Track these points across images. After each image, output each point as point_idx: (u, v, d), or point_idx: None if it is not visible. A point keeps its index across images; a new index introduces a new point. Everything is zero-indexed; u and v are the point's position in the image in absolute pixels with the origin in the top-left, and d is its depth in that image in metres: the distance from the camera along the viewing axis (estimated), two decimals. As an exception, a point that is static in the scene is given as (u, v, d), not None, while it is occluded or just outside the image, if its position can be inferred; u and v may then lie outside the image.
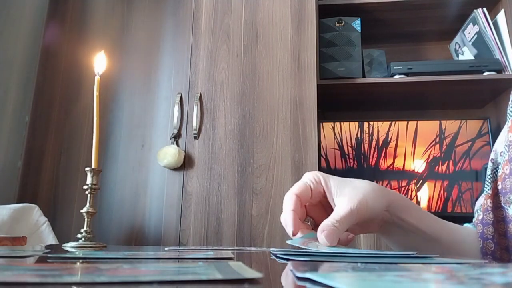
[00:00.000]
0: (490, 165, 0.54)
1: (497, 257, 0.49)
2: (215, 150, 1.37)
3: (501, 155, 0.53)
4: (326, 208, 0.47)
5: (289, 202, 0.44)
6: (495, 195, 0.51)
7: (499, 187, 0.51)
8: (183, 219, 1.32)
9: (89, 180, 0.65)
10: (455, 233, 0.52)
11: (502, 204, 0.50)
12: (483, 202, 0.53)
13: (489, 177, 0.53)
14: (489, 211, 0.51)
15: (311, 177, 0.46)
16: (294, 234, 0.43)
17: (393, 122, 1.56)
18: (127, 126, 1.45)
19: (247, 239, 1.27)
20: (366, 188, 0.44)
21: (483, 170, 1.45)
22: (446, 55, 1.79)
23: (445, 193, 1.47)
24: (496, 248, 0.49)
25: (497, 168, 0.53)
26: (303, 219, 0.46)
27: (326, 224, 0.41)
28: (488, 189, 0.52)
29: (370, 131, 1.56)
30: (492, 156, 0.55)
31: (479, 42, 1.54)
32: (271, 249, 0.46)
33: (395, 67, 1.51)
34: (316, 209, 0.48)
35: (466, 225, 0.56)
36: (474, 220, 0.56)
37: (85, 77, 1.52)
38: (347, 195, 0.43)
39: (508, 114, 0.54)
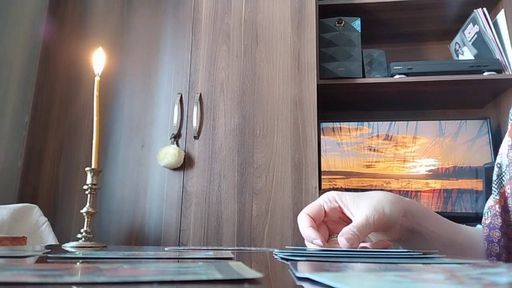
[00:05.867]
0: (496, 170, 0.54)
1: (502, 260, 0.50)
2: (215, 150, 1.37)
3: (507, 156, 0.53)
4: (348, 223, 0.49)
5: (303, 221, 0.47)
6: (505, 200, 0.52)
7: (509, 191, 0.51)
8: (183, 219, 1.32)
9: (89, 180, 0.65)
10: (470, 236, 0.53)
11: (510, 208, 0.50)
12: (492, 206, 0.53)
13: (495, 182, 0.53)
14: (497, 216, 0.52)
15: (325, 197, 0.49)
16: (323, 243, 0.45)
17: (393, 122, 1.56)
18: (127, 126, 1.45)
19: (247, 239, 1.27)
20: (380, 197, 0.47)
21: (482, 170, 1.45)
22: (446, 55, 1.79)
23: (445, 193, 1.47)
24: (502, 251, 0.50)
25: (504, 172, 0.53)
26: (326, 239, 0.49)
27: (345, 230, 0.43)
28: (496, 195, 0.53)
29: (370, 131, 1.56)
30: (498, 160, 0.55)
31: (479, 42, 1.54)
32: (274, 250, 0.46)
33: (395, 67, 1.51)
34: (339, 226, 0.50)
35: (478, 226, 0.57)
36: (482, 220, 0.56)
37: (85, 77, 1.52)
38: (363, 205, 0.46)
39: (509, 118, 0.53)
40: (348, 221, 0.48)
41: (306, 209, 0.48)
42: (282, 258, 0.35)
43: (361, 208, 0.46)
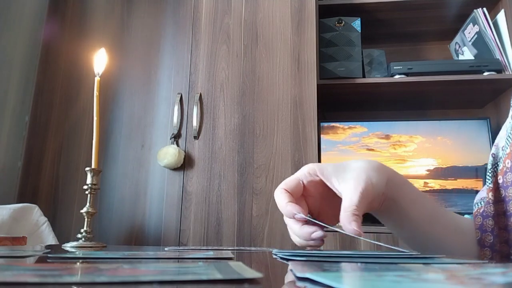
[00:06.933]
0: (491, 159, 0.54)
1: (496, 250, 0.49)
2: (215, 150, 1.37)
3: (502, 149, 0.53)
4: (327, 198, 0.47)
5: (281, 196, 0.44)
6: (496, 189, 0.51)
7: (500, 181, 0.51)
8: (183, 219, 1.32)
9: (89, 180, 0.65)
10: (455, 221, 0.51)
11: (503, 197, 0.50)
12: (485, 195, 0.53)
13: (489, 171, 0.53)
14: (490, 204, 0.51)
15: (304, 171, 0.46)
16: (304, 217, 0.42)
17: (393, 122, 1.56)
18: (127, 126, 1.45)
19: (247, 239, 1.27)
20: (364, 166, 0.44)
21: (483, 170, 1.45)
22: (446, 55, 1.79)
23: (444, 193, 1.47)
24: (496, 241, 0.49)
25: (498, 163, 0.53)
26: (306, 214, 0.45)
27: (348, 215, 0.40)
28: (490, 183, 0.52)
29: (370, 131, 1.56)
30: (493, 150, 0.55)
31: (479, 42, 1.54)
32: (274, 250, 0.46)
33: (395, 67, 1.51)
34: (318, 202, 0.48)
35: (467, 216, 0.56)
36: (473, 212, 0.56)
37: (85, 77, 1.52)
38: (350, 179, 0.43)
39: (511, 107, 0.53)
40: (329, 196, 0.46)
41: (283, 184, 0.45)
42: (282, 258, 0.35)
43: (349, 182, 0.42)
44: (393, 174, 0.47)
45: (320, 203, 0.48)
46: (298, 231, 0.43)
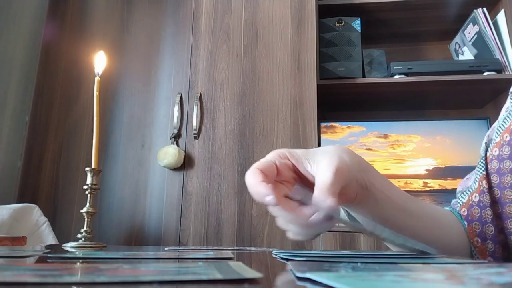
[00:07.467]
0: (483, 146, 0.55)
1: (497, 241, 0.48)
2: (215, 150, 1.37)
3: (493, 139, 0.54)
4: (302, 183, 0.43)
5: (252, 177, 0.37)
6: (488, 176, 0.51)
7: (488, 167, 0.51)
8: (183, 219, 1.32)
9: (89, 180, 0.65)
10: (426, 211, 0.49)
11: (492, 185, 0.50)
12: (478, 184, 0.52)
13: (482, 159, 0.53)
14: (486, 193, 0.50)
15: (274, 153, 0.41)
16: (276, 202, 0.36)
17: (393, 122, 1.56)
18: (127, 126, 1.45)
19: (247, 239, 1.27)
20: (335, 149, 0.41)
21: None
22: (446, 55, 1.79)
23: (444, 193, 1.47)
24: (496, 232, 0.48)
25: (487, 151, 0.54)
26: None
27: (322, 192, 0.36)
28: (482, 170, 0.52)
29: (370, 131, 1.56)
30: (485, 140, 0.55)
31: (479, 42, 1.54)
32: (274, 250, 0.46)
33: (395, 67, 1.51)
34: (292, 187, 0.43)
35: (446, 208, 0.56)
36: (457, 201, 0.55)
37: (85, 77, 1.52)
38: (322, 160, 0.39)
39: (510, 95, 0.54)
40: (302, 180, 0.41)
41: (255, 164, 0.38)
42: (282, 258, 0.35)
43: (322, 162, 0.39)
44: (363, 161, 0.44)
45: (292, 188, 0.42)
46: (293, 217, 0.38)
